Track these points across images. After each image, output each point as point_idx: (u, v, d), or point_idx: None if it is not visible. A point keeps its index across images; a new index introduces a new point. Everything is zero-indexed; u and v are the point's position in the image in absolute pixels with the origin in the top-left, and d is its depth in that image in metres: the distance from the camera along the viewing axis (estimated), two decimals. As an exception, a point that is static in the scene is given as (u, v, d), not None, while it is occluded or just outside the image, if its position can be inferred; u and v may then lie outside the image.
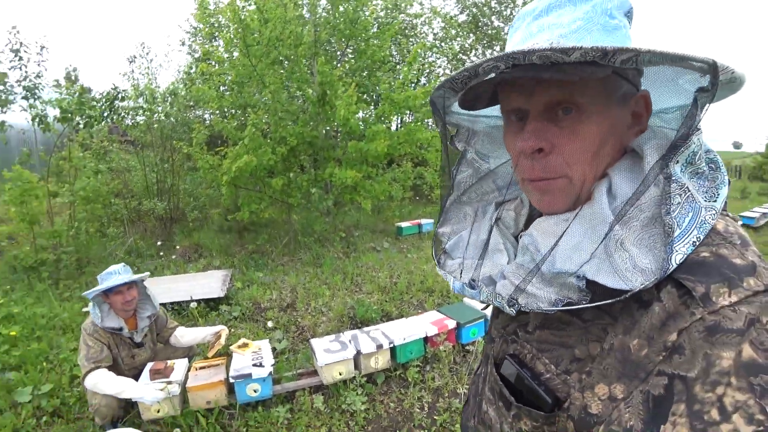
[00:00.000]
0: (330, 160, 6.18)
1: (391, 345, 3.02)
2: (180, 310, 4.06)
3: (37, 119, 4.97)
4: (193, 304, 3.74)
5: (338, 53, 8.00)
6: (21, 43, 4.90)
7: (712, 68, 0.42)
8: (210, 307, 4.16)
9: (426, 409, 2.77)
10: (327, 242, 6.35)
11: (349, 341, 3.01)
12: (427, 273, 5.33)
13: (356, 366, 2.95)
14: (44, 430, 2.60)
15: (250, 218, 5.79)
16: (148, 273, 2.80)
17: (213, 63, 6.83)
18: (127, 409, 2.55)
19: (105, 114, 5.27)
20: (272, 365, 2.70)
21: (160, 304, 3.99)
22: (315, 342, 3.03)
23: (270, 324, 3.82)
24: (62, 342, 3.42)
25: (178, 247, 6.07)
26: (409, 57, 6.74)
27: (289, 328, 3.91)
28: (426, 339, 3.22)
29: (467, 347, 3.40)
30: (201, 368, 2.72)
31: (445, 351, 3.26)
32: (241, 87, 6.37)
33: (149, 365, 2.61)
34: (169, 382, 2.46)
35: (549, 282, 0.52)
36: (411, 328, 3.21)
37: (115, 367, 2.55)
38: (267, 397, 2.68)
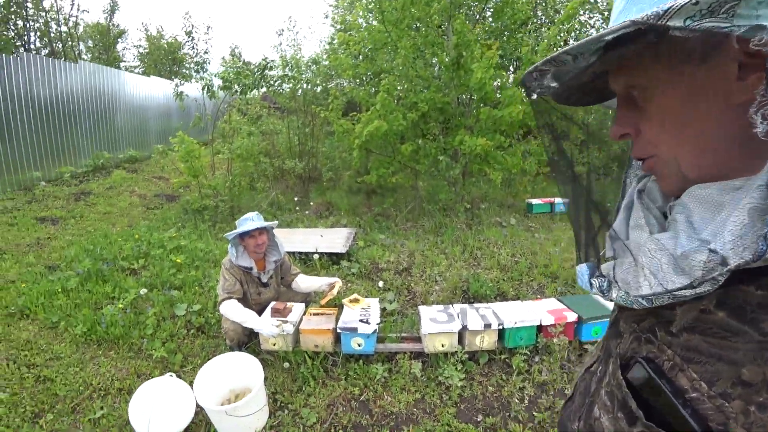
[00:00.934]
0: (460, 127, 5.92)
1: (500, 326, 2.81)
2: (306, 260, 4.41)
3: (205, 88, 5.81)
4: (317, 256, 4.02)
5: (475, 15, 7.52)
6: (192, 26, 5.73)
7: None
8: (332, 261, 4.43)
9: (526, 401, 2.53)
10: (451, 212, 6.21)
11: (457, 315, 2.89)
12: (553, 257, 4.84)
13: (460, 341, 2.82)
14: (191, 339, 3.10)
15: (378, 182, 5.94)
16: (276, 222, 3.04)
17: (352, 33, 7.05)
18: (251, 337, 2.86)
19: (257, 82, 5.89)
20: (377, 324, 2.73)
21: (290, 252, 4.39)
22: (423, 309, 2.98)
23: (381, 284, 3.89)
24: (212, 273, 4.01)
25: (312, 203, 6.61)
26: (562, 16, 5.96)
27: (401, 291, 3.94)
28: (540, 327, 2.92)
29: (585, 346, 2.99)
30: (314, 314, 2.89)
31: (559, 345, 2.90)
32: (375, 54, 6.44)
33: (272, 304, 2.87)
34: (285, 321, 2.67)
35: (675, 263, 0.43)
36: (525, 313, 2.94)
37: (245, 301, 2.87)
38: (369, 352, 2.74)
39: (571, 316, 2.95)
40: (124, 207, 6.34)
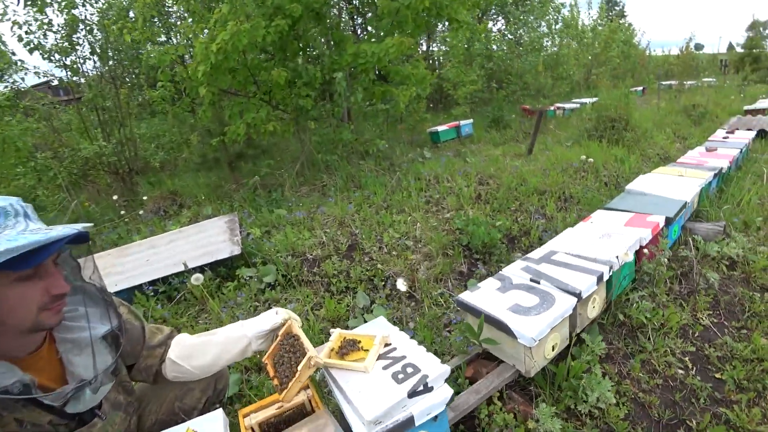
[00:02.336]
0: (347, 40, 4.16)
1: (611, 271, 1.61)
2: (170, 293, 2.32)
3: None
4: (197, 278, 1.97)
5: None
6: None
7: None
8: (221, 277, 2.43)
9: (695, 370, 1.50)
10: (348, 159, 4.53)
11: (534, 281, 1.55)
12: (522, 171, 3.82)
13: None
14: None
15: (247, 135, 3.79)
16: (91, 224, 0.94)
17: None
18: None
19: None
20: (446, 375, 1.03)
21: (124, 291, 2.26)
22: (473, 297, 1.47)
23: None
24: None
25: (146, 197, 4.15)
26: None
27: (375, 283, 2.24)
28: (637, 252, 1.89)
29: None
30: (263, 425, 1.05)
31: (660, 266, 1.89)
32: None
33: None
34: None
35: None
36: (610, 241, 1.81)
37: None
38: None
39: (659, 219, 2.01)
40: None
